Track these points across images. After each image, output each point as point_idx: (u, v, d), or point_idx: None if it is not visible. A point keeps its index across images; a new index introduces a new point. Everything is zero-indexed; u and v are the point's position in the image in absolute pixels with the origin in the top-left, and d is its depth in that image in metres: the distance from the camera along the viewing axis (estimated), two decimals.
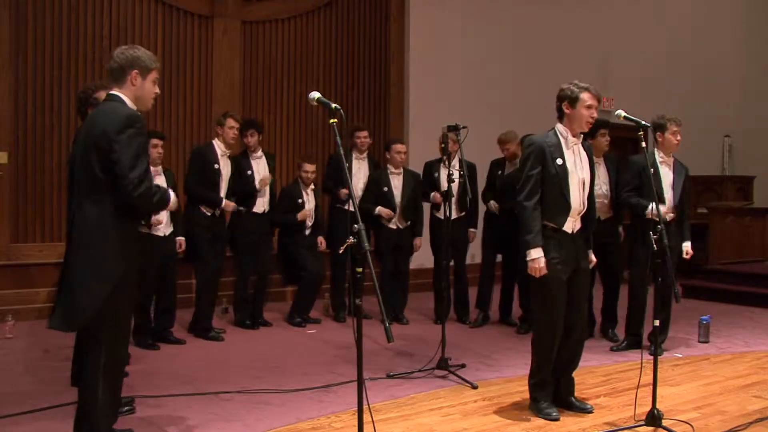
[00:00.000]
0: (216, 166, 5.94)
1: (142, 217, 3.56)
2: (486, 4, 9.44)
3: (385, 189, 6.55)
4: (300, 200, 6.44)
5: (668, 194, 5.42)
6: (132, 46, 3.37)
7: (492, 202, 6.51)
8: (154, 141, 5.51)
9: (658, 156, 5.48)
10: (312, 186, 6.53)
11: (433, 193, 6.56)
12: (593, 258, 4.18)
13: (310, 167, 6.50)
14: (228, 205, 5.97)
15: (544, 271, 3.84)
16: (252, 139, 6.28)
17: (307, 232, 6.53)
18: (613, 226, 5.93)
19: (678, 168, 5.52)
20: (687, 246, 5.48)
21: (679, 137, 5.43)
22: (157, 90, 3.40)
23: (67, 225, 3.33)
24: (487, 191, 6.65)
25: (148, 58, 3.32)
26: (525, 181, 3.94)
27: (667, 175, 5.46)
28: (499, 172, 6.52)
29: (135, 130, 3.13)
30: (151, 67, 3.33)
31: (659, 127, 5.43)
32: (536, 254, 3.84)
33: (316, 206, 6.61)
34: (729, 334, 6.37)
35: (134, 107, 3.29)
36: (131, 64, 3.27)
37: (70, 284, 3.15)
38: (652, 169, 5.32)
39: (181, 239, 5.79)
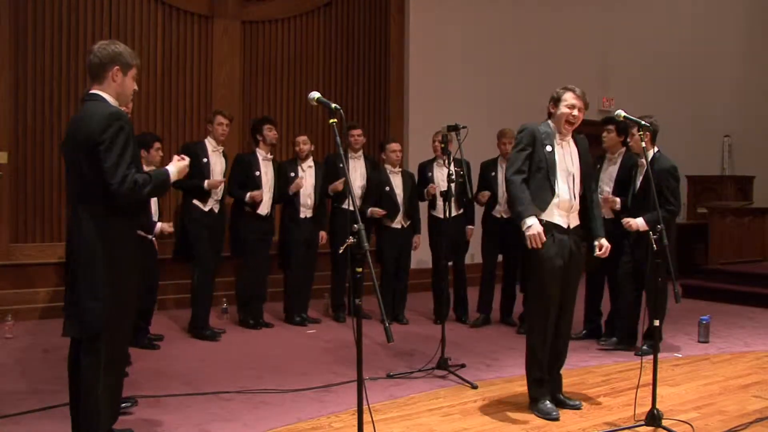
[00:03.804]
0: (205, 160, 5.94)
1: (137, 215, 3.54)
2: (486, 5, 9.44)
3: (387, 189, 6.58)
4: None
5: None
6: (112, 41, 3.30)
7: (483, 193, 6.47)
8: (157, 144, 5.50)
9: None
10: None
11: (428, 187, 6.57)
12: (605, 243, 4.04)
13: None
14: (212, 183, 5.91)
15: (543, 238, 3.82)
16: (270, 134, 6.29)
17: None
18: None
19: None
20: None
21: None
22: (136, 87, 3.36)
23: (66, 230, 3.33)
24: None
25: (129, 54, 3.27)
26: (514, 159, 4.01)
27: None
28: (492, 173, 6.51)
29: (117, 128, 3.10)
30: (132, 63, 3.28)
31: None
32: (531, 221, 3.84)
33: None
34: (729, 334, 6.36)
35: (116, 104, 3.25)
36: (112, 61, 3.21)
37: (78, 291, 3.14)
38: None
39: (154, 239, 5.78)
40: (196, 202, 5.93)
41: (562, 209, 3.96)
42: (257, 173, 6.23)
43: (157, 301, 6.03)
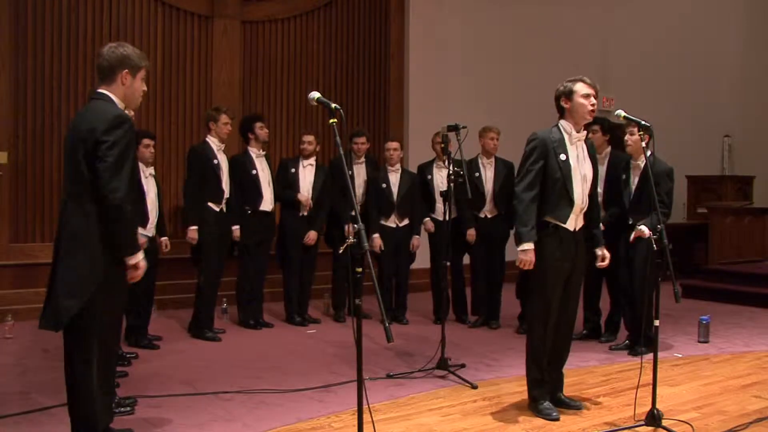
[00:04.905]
0: (215, 161, 5.94)
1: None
2: (486, 4, 9.44)
3: (383, 185, 6.59)
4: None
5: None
6: (120, 43, 3.33)
7: (470, 232, 6.39)
8: (146, 141, 5.48)
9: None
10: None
11: (425, 220, 6.61)
12: (606, 254, 4.14)
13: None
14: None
15: (532, 264, 3.86)
16: (262, 132, 6.30)
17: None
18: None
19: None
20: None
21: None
22: (145, 87, 3.38)
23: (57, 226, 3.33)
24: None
25: (138, 57, 3.29)
26: (525, 173, 3.93)
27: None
28: (476, 174, 6.44)
29: (122, 132, 3.10)
30: (141, 65, 3.30)
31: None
32: (527, 247, 3.86)
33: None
34: (729, 334, 6.36)
35: (123, 106, 3.26)
36: (121, 64, 3.24)
37: (56, 286, 3.15)
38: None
39: (165, 239, 5.76)
40: (210, 204, 5.92)
41: (575, 213, 3.96)
42: (254, 172, 6.23)
43: (156, 301, 6.04)
